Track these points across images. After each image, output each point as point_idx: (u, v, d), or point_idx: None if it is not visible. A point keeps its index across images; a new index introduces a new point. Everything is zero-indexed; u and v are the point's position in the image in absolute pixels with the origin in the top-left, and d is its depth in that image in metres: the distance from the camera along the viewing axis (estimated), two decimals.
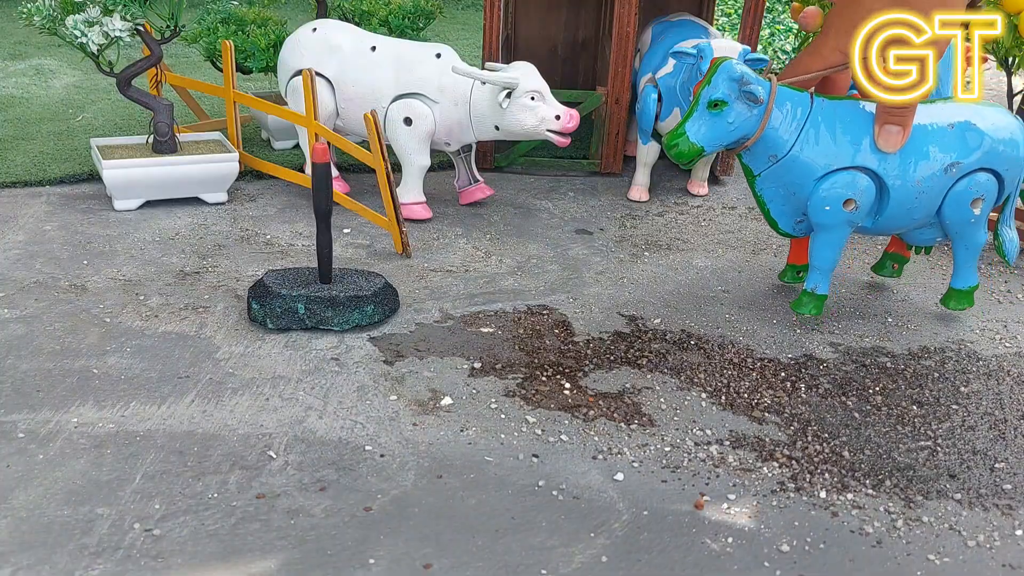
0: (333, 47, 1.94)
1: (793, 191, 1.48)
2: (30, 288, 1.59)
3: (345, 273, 1.56)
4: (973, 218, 1.52)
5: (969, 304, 1.63)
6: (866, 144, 1.43)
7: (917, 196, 1.46)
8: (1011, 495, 1.20)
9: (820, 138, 1.43)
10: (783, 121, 1.42)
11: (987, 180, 1.49)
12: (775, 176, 1.47)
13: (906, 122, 1.40)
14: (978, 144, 1.47)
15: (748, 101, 1.39)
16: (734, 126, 1.40)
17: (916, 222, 1.52)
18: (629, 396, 1.37)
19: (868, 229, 1.53)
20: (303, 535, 1.07)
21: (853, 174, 1.44)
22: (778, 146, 1.44)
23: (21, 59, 3.14)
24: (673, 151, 1.42)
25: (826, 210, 1.46)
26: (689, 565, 1.06)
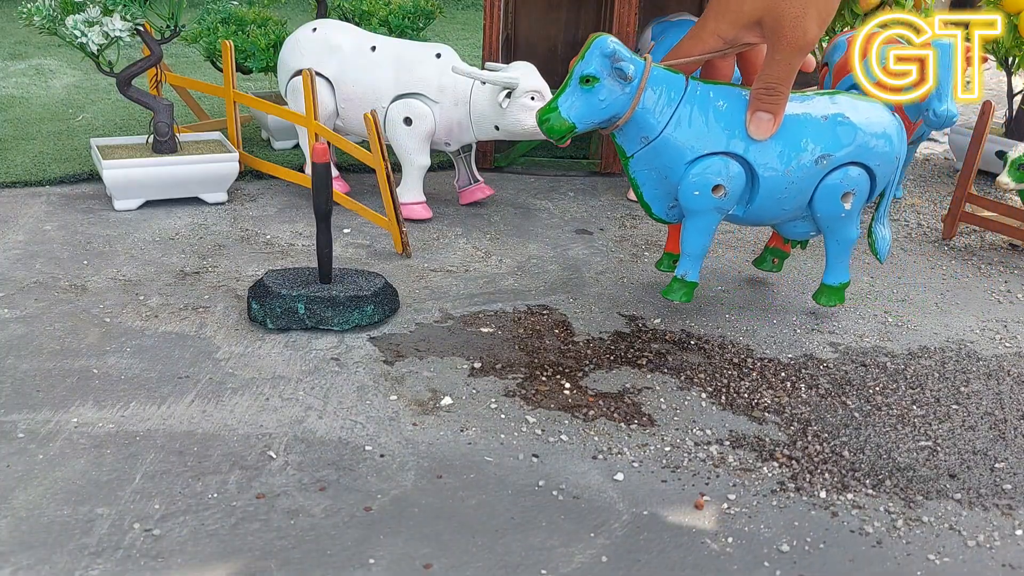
0: (333, 47, 1.94)
1: (665, 174, 1.46)
2: (30, 288, 1.59)
3: (345, 273, 1.56)
4: (843, 212, 1.50)
5: (840, 301, 1.61)
6: (738, 131, 1.42)
7: (787, 186, 1.45)
8: (1011, 495, 1.19)
9: (692, 122, 1.42)
10: (655, 102, 1.40)
11: (858, 175, 1.48)
12: (647, 159, 1.45)
13: (778, 110, 1.38)
14: (850, 138, 1.46)
15: (619, 78, 1.36)
16: (605, 103, 1.38)
17: (787, 213, 1.51)
18: (629, 396, 1.37)
19: (739, 218, 1.52)
20: (303, 535, 1.07)
21: (723, 160, 1.43)
22: (649, 127, 1.41)
23: (21, 59, 3.14)
24: (544, 126, 1.39)
25: (695, 195, 1.44)
26: (689, 565, 1.06)
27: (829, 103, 1.47)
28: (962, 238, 2.01)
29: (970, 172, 1.95)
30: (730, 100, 1.43)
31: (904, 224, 2.08)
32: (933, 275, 1.83)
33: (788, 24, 1.26)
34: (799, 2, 1.25)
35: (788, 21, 1.26)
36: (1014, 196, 2.00)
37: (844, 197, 1.49)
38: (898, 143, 1.52)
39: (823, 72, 2.36)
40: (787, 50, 1.31)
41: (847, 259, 1.58)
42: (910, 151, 2.17)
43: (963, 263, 1.89)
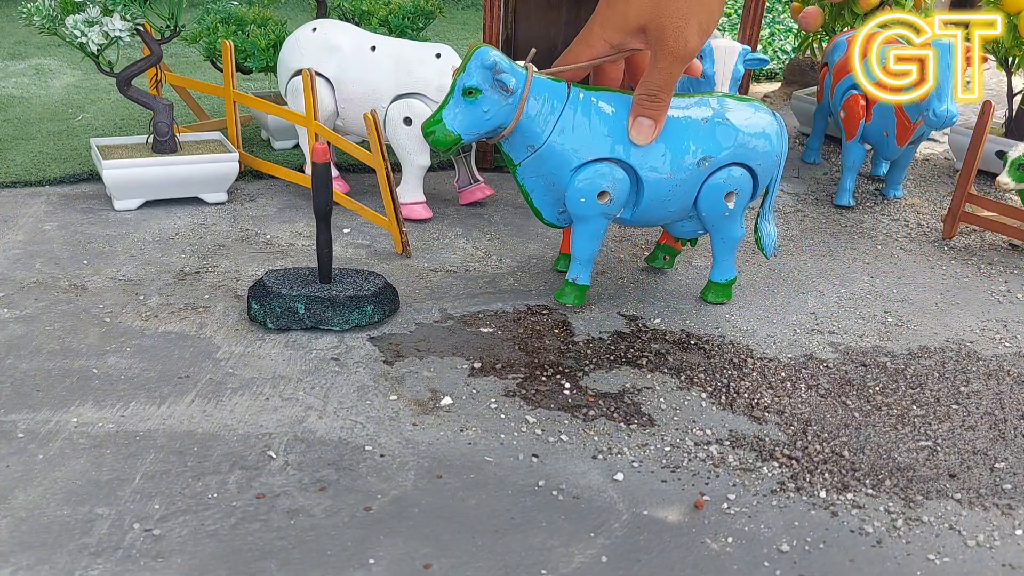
0: (333, 47, 1.94)
1: (552, 181, 1.48)
2: (30, 288, 1.59)
3: (345, 273, 1.56)
4: (727, 211, 1.53)
5: (727, 297, 1.64)
6: (622, 137, 1.43)
7: (671, 189, 1.47)
8: (1011, 495, 1.19)
9: (576, 129, 1.43)
10: (539, 111, 1.41)
11: (740, 175, 1.51)
12: (534, 166, 1.47)
13: (658, 116, 1.40)
14: (730, 139, 1.48)
15: (501, 90, 1.37)
16: (489, 115, 1.39)
17: (673, 215, 1.53)
18: (629, 396, 1.37)
19: (627, 221, 1.54)
20: (303, 535, 1.07)
21: (608, 166, 1.44)
22: (534, 136, 1.43)
23: (21, 59, 3.14)
24: (429, 138, 1.41)
25: (581, 202, 1.46)
26: (689, 565, 1.06)
27: (709, 106, 1.49)
28: (962, 238, 2.01)
29: (970, 172, 1.95)
30: (613, 105, 1.44)
31: (904, 224, 2.09)
32: (933, 275, 1.83)
33: (670, 33, 1.29)
34: (681, 12, 1.27)
35: (670, 31, 1.28)
36: (1014, 196, 2.00)
37: (727, 197, 1.52)
38: (777, 142, 1.54)
39: (823, 72, 2.37)
40: (668, 58, 1.32)
41: (733, 256, 1.62)
42: (910, 151, 2.17)
43: (963, 263, 1.89)
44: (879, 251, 1.93)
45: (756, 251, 1.89)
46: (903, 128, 2.05)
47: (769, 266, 1.82)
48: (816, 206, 2.16)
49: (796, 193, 2.24)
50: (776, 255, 1.87)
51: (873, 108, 2.08)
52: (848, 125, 2.14)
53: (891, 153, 2.13)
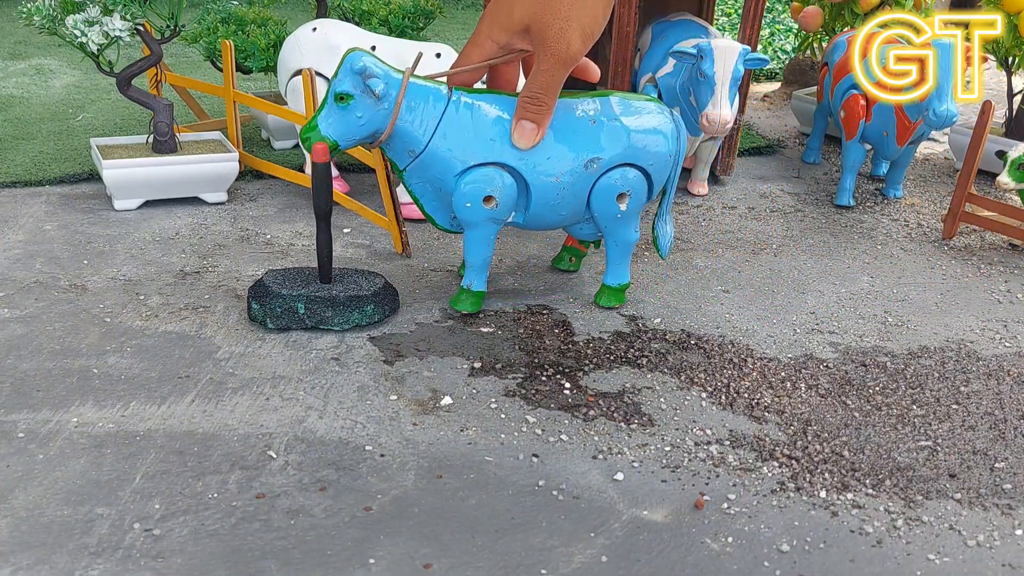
0: (333, 47, 1.94)
1: (438, 187, 1.45)
2: (30, 288, 1.59)
3: (345, 273, 1.56)
4: (619, 213, 1.50)
5: (619, 302, 1.61)
6: (506, 140, 1.40)
7: (559, 192, 1.44)
8: (1011, 495, 1.20)
9: (459, 133, 1.40)
10: (417, 115, 1.38)
11: (634, 176, 1.47)
12: (418, 171, 1.44)
13: (542, 119, 1.37)
14: (621, 139, 1.44)
15: (371, 95, 1.35)
16: (363, 120, 1.36)
17: (567, 218, 1.50)
18: (629, 396, 1.37)
19: (521, 225, 1.51)
20: (303, 535, 1.07)
21: (493, 170, 1.41)
22: (414, 141, 1.39)
23: (21, 59, 3.14)
24: (306, 144, 1.39)
25: (467, 207, 1.43)
26: (689, 565, 1.06)
27: (598, 105, 1.46)
28: (962, 238, 2.01)
29: (970, 172, 1.95)
30: (497, 108, 1.42)
31: (904, 224, 2.09)
32: (933, 275, 1.83)
33: (552, 36, 1.27)
34: (562, 15, 1.26)
35: (552, 32, 1.27)
36: (1014, 196, 2.00)
37: (620, 198, 1.49)
38: (673, 142, 1.50)
39: (823, 72, 2.37)
40: (550, 61, 1.31)
41: (627, 260, 1.59)
42: (910, 151, 2.17)
43: (963, 263, 1.89)
44: (879, 251, 1.93)
45: (757, 251, 1.89)
46: (903, 128, 2.05)
47: (769, 266, 1.82)
48: (816, 206, 2.17)
49: (796, 193, 2.24)
50: (777, 255, 1.87)
51: (873, 108, 2.08)
52: (848, 125, 2.14)
53: (891, 153, 2.13)
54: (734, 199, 2.18)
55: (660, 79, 2.07)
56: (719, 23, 3.97)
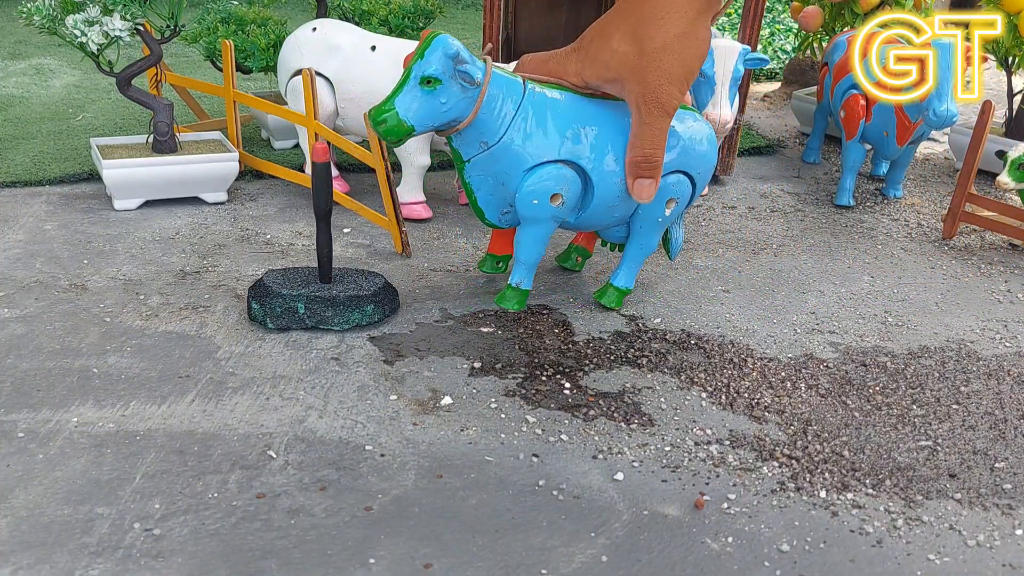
0: (333, 47, 1.94)
1: (502, 181, 1.41)
2: (30, 287, 1.59)
3: (345, 273, 1.56)
4: (662, 217, 1.51)
5: (618, 305, 1.60)
6: (573, 136, 1.39)
7: (619, 194, 1.44)
8: (1011, 495, 1.20)
9: (532, 127, 1.37)
10: (498, 107, 1.34)
11: (682, 182, 1.49)
12: (484, 164, 1.40)
13: (656, 175, 1.38)
14: (676, 145, 1.45)
15: (463, 82, 1.30)
16: (447, 106, 1.31)
17: (615, 220, 1.50)
18: (629, 396, 1.37)
19: (569, 225, 1.49)
20: (303, 535, 1.07)
21: (562, 168, 1.39)
22: (490, 132, 1.35)
23: (21, 59, 3.14)
24: (380, 128, 1.31)
25: (534, 203, 1.40)
26: (689, 565, 1.06)
27: None
28: (962, 238, 2.01)
29: (970, 172, 1.96)
30: (567, 104, 1.40)
31: (904, 224, 2.09)
32: (933, 275, 1.83)
33: (653, 91, 1.27)
34: (665, 71, 1.25)
35: (651, 88, 1.27)
36: (1014, 196, 2.00)
37: (668, 203, 1.49)
38: (713, 151, 1.52)
39: (823, 71, 2.37)
40: (658, 115, 1.31)
41: (639, 267, 1.59)
42: (910, 151, 2.18)
43: (963, 263, 1.89)
44: (879, 251, 1.93)
45: (757, 251, 1.89)
46: (903, 128, 2.05)
47: (769, 266, 1.83)
48: (816, 206, 2.17)
49: (796, 193, 2.24)
50: (777, 255, 1.87)
51: (873, 108, 2.08)
52: (848, 125, 2.14)
53: (891, 153, 2.13)
54: (734, 199, 2.18)
55: None
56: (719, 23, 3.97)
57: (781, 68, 3.44)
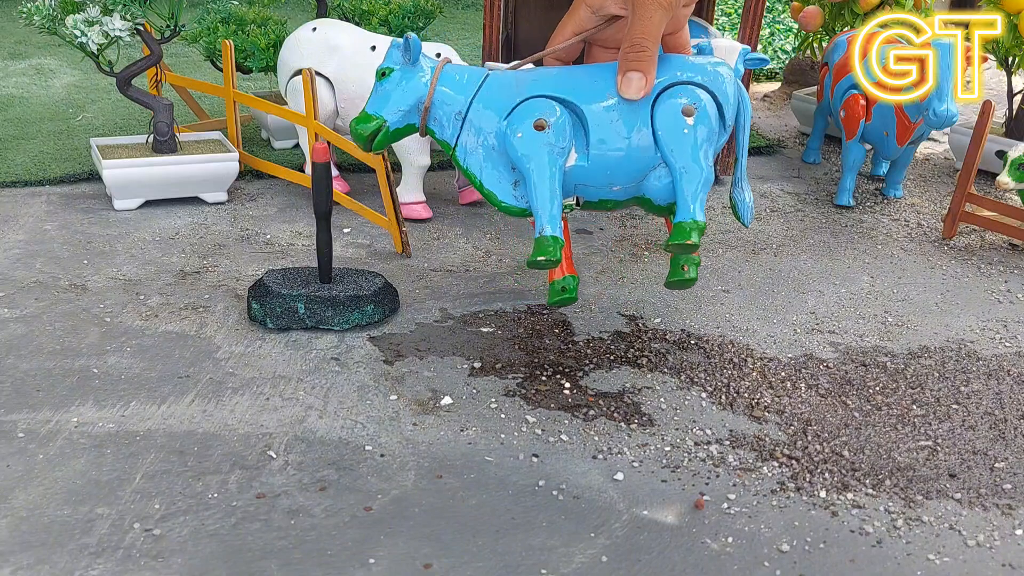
0: (333, 47, 1.94)
1: (491, 143, 1.35)
2: (30, 288, 1.59)
3: (345, 273, 1.56)
4: (687, 128, 1.30)
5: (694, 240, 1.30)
6: (552, 81, 1.34)
7: (619, 117, 1.31)
8: (1011, 495, 1.20)
9: (502, 87, 1.35)
10: (458, 82, 1.36)
11: (699, 93, 1.32)
12: (470, 138, 1.36)
13: (647, 68, 1.29)
14: (680, 65, 1.34)
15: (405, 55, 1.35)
16: (403, 87, 1.34)
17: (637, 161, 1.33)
18: (629, 396, 1.37)
19: (587, 171, 1.33)
20: (303, 535, 1.07)
21: (541, 100, 1.32)
22: (458, 102, 1.35)
23: (21, 59, 3.14)
24: (358, 130, 1.35)
25: (519, 137, 1.31)
26: (689, 565, 1.06)
27: None
28: (962, 238, 2.01)
29: (970, 172, 1.95)
30: (539, 72, 1.37)
31: (904, 224, 2.09)
32: (933, 275, 1.83)
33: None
34: None
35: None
36: (1014, 196, 2.00)
37: (685, 112, 1.31)
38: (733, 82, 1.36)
39: (823, 71, 2.37)
40: (646, 2, 1.27)
41: (698, 197, 1.32)
42: (910, 151, 2.17)
43: (963, 263, 1.89)
44: (879, 251, 1.93)
45: (756, 250, 1.89)
46: (903, 128, 2.05)
47: (769, 266, 1.83)
48: (816, 206, 2.17)
49: (796, 193, 2.24)
50: (777, 255, 1.87)
51: (873, 108, 2.08)
52: (848, 125, 2.14)
53: (891, 153, 2.13)
54: None
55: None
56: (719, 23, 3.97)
57: (781, 68, 3.44)
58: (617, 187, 1.35)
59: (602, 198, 1.36)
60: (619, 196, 1.36)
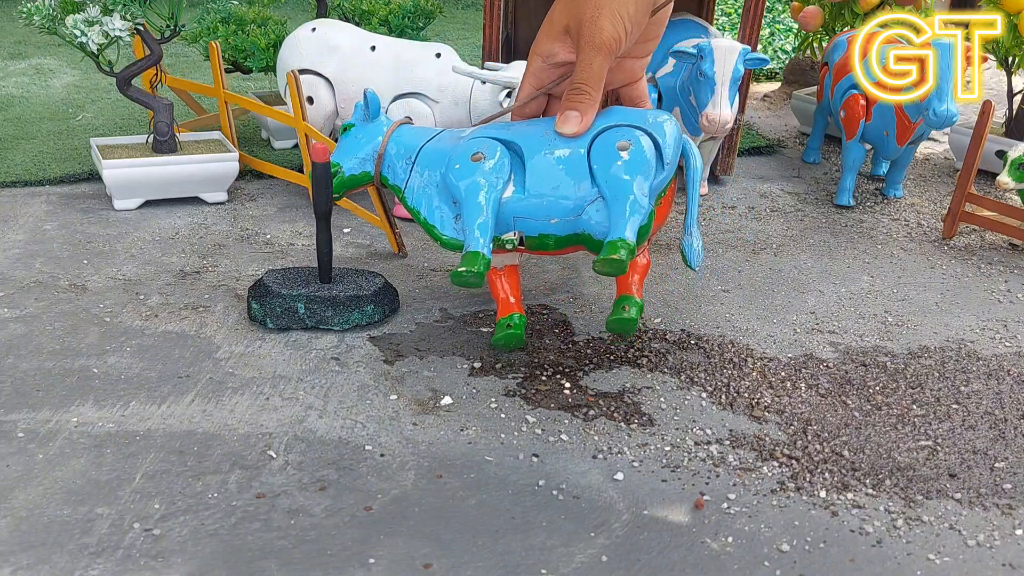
0: (332, 47, 1.94)
1: (436, 180, 1.42)
2: (30, 288, 1.59)
3: (345, 273, 1.56)
4: (620, 160, 1.32)
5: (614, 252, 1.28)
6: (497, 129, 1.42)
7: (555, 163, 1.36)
8: (1011, 495, 1.19)
9: (452, 135, 1.46)
10: (410, 134, 1.48)
11: (633, 132, 1.35)
12: (417, 176, 1.44)
13: (585, 109, 1.34)
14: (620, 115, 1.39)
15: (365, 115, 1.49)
16: (361, 138, 1.48)
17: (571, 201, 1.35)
18: (629, 396, 1.37)
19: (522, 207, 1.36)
20: (303, 535, 1.07)
21: (481, 139, 1.40)
22: (409, 149, 1.46)
23: (21, 59, 3.14)
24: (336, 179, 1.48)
25: (456, 168, 1.37)
26: (689, 565, 1.06)
27: None
28: (962, 238, 2.01)
29: (970, 172, 1.95)
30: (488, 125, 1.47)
31: (904, 224, 2.09)
32: (933, 275, 1.83)
33: (585, 24, 1.33)
34: (594, 4, 1.31)
35: (585, 22, 1.33)
36: (1014, 196, 2.00)
37: (620, 148, 1.33)
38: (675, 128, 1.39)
39: (823, 71, 2.37)
40: (586, 49, 1.34)
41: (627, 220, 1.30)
42: (910, 151, 2.17)
43: (963, 263, 1.89)
44: (879, 251, 1.93)
45: (757, 251, 1.89)
46: (903, 128, 2.05)
47: (769, 266, 1.83)
48: (816, 206, 2.17)
49: (796, 193, 2.24)
50: (777, 255, 1.87)
51: (873, 108, 2.08)
52: (848, 125, 2.14)
53: (891, 153, 2.14)
54: (734, 199, 2.18)
55: (660, 79, 2.07)
56: (719, 23, 3.97)
57: (781, 68, 3.44)
58: (555, 219, 1.37)
59: (541, 232, 1.38)
60: (558, 230, 1.38)
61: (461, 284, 1.31)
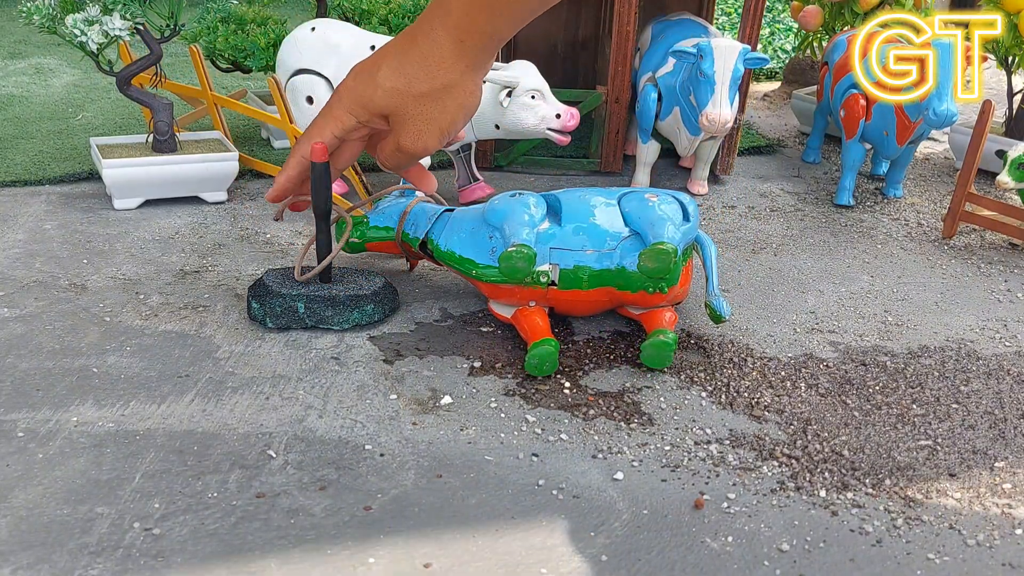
0: (332, 46, 1.94)
1: (473, 226, 1.53)
2: (30, 287, 1.59)
3: (345, 272, 1.56)
4: (651, 203, 1.49)
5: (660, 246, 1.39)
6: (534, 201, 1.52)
7: (591, 210, 1.49)
8: (1011, 495, 1.20)
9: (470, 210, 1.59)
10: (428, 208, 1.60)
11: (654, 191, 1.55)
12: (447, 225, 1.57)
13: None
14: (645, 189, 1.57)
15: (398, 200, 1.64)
16: (389, 209, 1.62)
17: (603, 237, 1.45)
18: (629, 395, 1.37)
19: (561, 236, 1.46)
20: (303, 535, 1.07)
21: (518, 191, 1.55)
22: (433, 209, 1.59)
23: (21, 58, 3.14)
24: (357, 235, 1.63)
25: (495, 203, 1.51)
26: (689, 565, 1.06)
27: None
28: (962, 238, 2.01)
29: (970, 171, 1.95)
30: None
31: (904, 223, 2.09)
32: (933, 275, 1.83)
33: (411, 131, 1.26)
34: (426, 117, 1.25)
35: (411, 130, 1.26)
36: (1014, 195, 2.00)
37: (648, 197, 1.50)
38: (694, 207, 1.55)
39: (823, 71, 2.37)
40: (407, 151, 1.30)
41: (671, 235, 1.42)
42: (910, 151, 2.17)
43: (963, 263, 1.89)
44: (879, 250, 1.93)
45: (757, 251, 1.89)
46: (903, 127, 2.05)
47: (769, 265, 1.83)
48: (816, 205, 2.17)
49: (796, 192, 2.24)
50: (777, 255, 1.87)
51: (873, 107, 2.08)
52: (848, 124, 2.14)
53: (891, 152, 2.13)
54: (734, 198, 2.18)
55: (660, 78, 2.07)
56: (719, 23, 3.97)
57: (781, 68, 3.44)
58: (590, 250, 1.45)
59: (576, 263, 1.45)
60: (593, 263, 1.45)
61: (508, 266, 1.38)
